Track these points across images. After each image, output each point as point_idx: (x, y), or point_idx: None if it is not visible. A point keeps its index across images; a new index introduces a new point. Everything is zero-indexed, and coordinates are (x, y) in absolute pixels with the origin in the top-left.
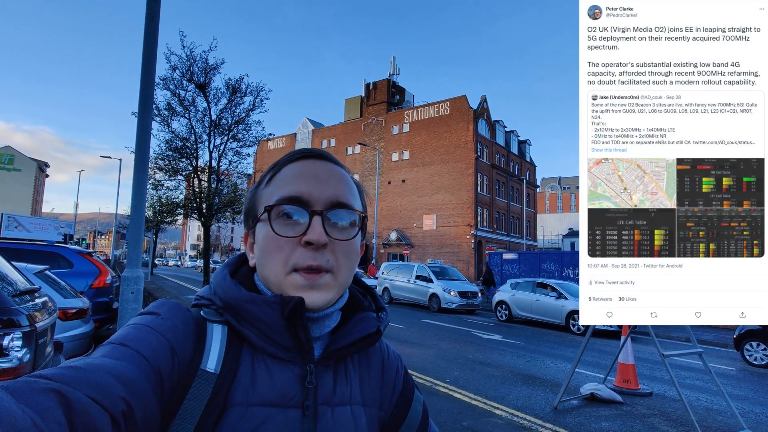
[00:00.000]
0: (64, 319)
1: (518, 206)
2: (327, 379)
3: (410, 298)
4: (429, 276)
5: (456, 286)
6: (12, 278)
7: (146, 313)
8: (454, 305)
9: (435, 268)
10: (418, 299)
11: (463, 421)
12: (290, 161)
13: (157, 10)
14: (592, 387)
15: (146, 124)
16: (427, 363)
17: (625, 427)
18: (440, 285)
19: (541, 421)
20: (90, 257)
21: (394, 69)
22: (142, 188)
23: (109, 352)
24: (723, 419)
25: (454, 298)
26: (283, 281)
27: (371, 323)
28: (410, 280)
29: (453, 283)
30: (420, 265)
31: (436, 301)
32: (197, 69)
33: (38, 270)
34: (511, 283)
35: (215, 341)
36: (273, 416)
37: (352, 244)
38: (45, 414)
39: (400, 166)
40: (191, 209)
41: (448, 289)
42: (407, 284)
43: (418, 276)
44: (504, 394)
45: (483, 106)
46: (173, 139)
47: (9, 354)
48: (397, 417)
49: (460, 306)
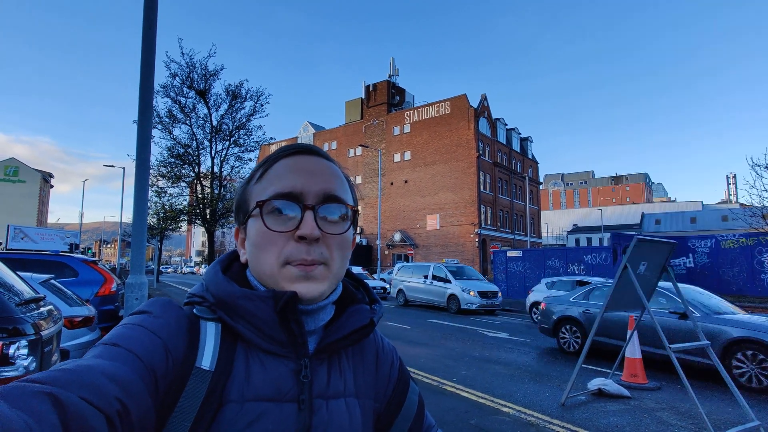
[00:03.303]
0: (70, 327)
1: (521, 204)
2: (321, 372)
3: (427, 300)
4: (446, 276)
5: (475, 286)
6: (17, 288)
7: (138, 312)
8: (475, 306)
9: (452, 267)
10: (436, 300)
11: (470, 420)
12: (281, 157)
13: (154, 17)
14: (600, 382)
15: (146, 132)
16: (434, 363)
17: (634, 422)
18: (459, 285)
19: (549, 418)
20: (95, 266)
21: (394, 70)
22: (144, 195)
23: (101, 353)
24: (732, 411)
25: (474, 298)
26: (277, 274)
27: (364, 315)
28: (426, 280)
29: (472, 282)
30: (436, 264)
31: (455, 302)
32: (197, 75)
33: (43, 279)
34: (546, 282)
35: (209, 338)
36: (269, 411)
37: (344, 238)
38: (39, 417)
39: (402, 166)
40: (195, 216)
41: (468, 289)
42: (423, 285)
43: (435, 276)
44: (511, 392)
45: (483, 105)
46: (175, 146)
47: (15, 362)
48: (393, 408)
49: (480, 307)
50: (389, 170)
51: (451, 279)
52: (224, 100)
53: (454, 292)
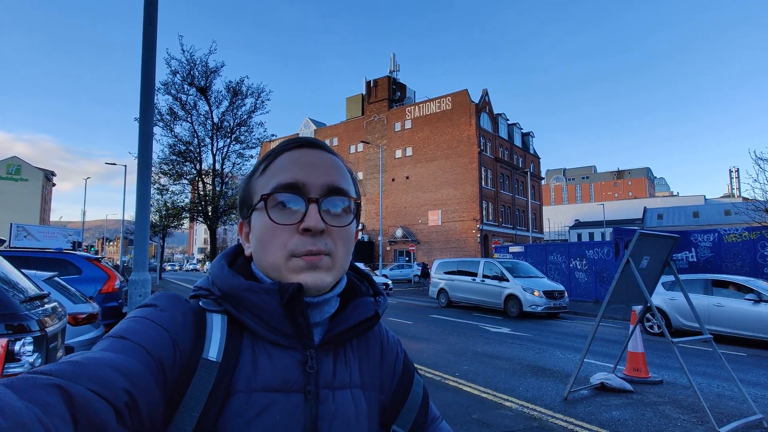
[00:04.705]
0: (74, 324)
1: (523, 199)
2: (327, 363)
3: (477, 301)
4: (502, 274)
5: (539, 285)
6: (21, 285)
7: (145, 305)
8: (540, 308)
9: (506, 263)
10: (489, 302)
11: (473, 414)
12: (284, 150)
13: (155, 15)
14: (602, 376)
15: (148, 129)
16: (437, 357)
17: (636, 416)
18: (519, 283)
19: (552, 412)
20: (98, 263)
21: (395, 66)
22: (146, 193)
23: (109, 346)
24: (735, 405)
25: (538, 299)
26: (282, 266)
27: (369, 308)
28: (476, 279)
29: (534, 281)
30: (487, 260)
31: (516, 303)
32: (198, 72)
33: (47, 276)
34: (662, 282)
35: (215, 330)
36: (276, 401)
37: (347, 230)
38: (48, 409)
39: (404, 162)
40: (197, 213)
41: (531, 288)
42: (473, 284)
43: (487, 275)
44: (513, 386)
45: (485, 100)
46: (176, 144)
47: (21, 359)
48: (398, 400)
49: (546, 309)
50: (390, 166)
51: (508, 277)
52: (225, 97)
53: (513, 292)
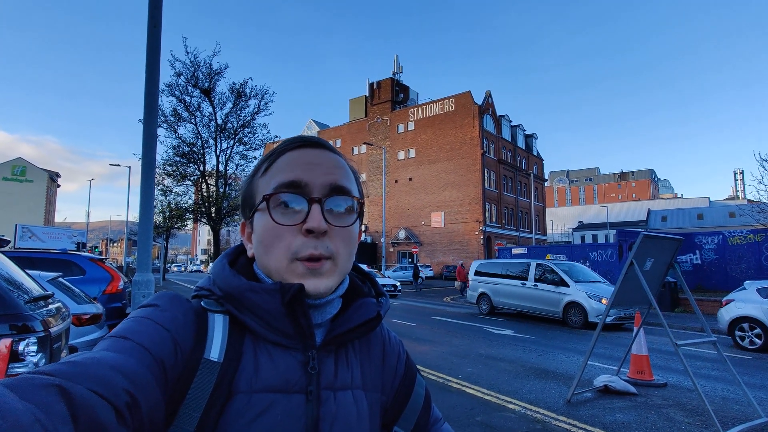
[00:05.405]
0: (78, 324)
1: (526, 201)
2: (329, 364)
3: (529, 309)
4: (560, 278)
5: (604, 291)
6: (26, 285)
7: (146, 305)
8: (611, 318)
9: (562, 266)
10: (544, 310)
11: (476, 416)
12: (286, 150)
13: (159, 16)
14: (606, 379)
15: (152, 131)
16: (440, 360)
17: (640, 419)
18: (582, 290)
19: (555, 414)
20: (102, 264)
21: (398, 67)
22: (150, 194)
23: (110, 346)
24: (740, 408)
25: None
26: (285, 269)
27: (371, 309)
28: (526, 283)
29: (596, 286)
30: (539, 261)
31: (579, 312)
32: (201, 74)
33: (51, 277)
34: (758, 288)
35: (217, 330)
36: (277, 402)
37: (350, 231)
38: (48, 409)
39: (407, 164)
40: (200, 214)
41: (597, 296)
42: (522, 289)
43: (540, 278)
44: (517, 389)
45: (488, 102)
46: (180, 145)
47: (25, 359)
48: (399, 401)
49: (616, 320)
50: (393, 168)
51: (569, 282)
52: (229, 98)
53: (576, 300)
